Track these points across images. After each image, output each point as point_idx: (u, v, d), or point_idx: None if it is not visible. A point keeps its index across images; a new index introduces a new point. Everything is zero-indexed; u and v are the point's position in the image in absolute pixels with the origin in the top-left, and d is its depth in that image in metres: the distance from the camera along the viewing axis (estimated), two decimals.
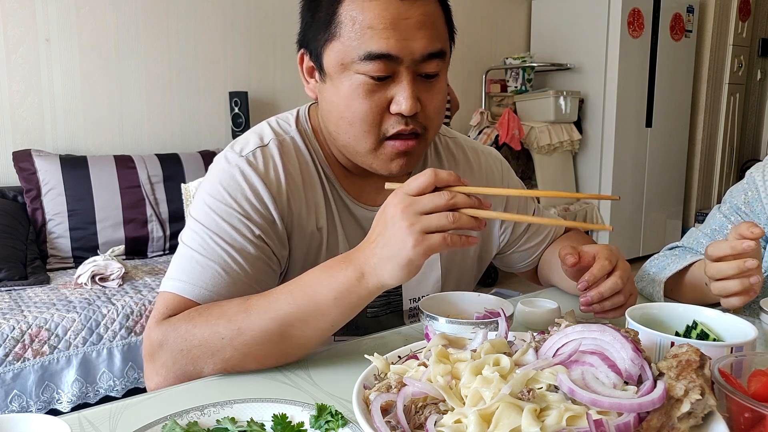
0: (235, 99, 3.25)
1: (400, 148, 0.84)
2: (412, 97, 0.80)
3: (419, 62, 0.80)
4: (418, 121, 0.83)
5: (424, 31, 0.80)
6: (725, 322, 0.73)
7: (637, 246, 4.40)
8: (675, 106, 4.45)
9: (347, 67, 0.80)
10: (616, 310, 0.85)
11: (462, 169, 1.04)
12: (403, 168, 0.86)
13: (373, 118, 0.82)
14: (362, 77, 0.80)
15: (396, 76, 0.80)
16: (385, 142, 0.84)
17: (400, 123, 0.82)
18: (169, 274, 0.82)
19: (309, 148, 0.93)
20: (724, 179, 4.91)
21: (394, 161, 0.85)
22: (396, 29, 0.78)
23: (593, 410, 0.51)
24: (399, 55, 0.78)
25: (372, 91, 0.80)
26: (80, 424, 0.64)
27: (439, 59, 0.82)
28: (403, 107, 0.80)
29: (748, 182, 1.08)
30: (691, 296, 0.97)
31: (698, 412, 0.53)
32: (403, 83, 0.80)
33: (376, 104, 0.81)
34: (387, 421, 0.55)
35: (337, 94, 0.83)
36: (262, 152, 0.88)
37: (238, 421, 0.61)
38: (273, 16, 3.42)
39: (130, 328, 2.16)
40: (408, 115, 0.81)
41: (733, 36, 4.64)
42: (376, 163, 0.86)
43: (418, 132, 0.84)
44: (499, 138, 3.82)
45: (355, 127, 0.83)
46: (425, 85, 0.83)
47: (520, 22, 4.59)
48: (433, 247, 0.68)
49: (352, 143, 0.85)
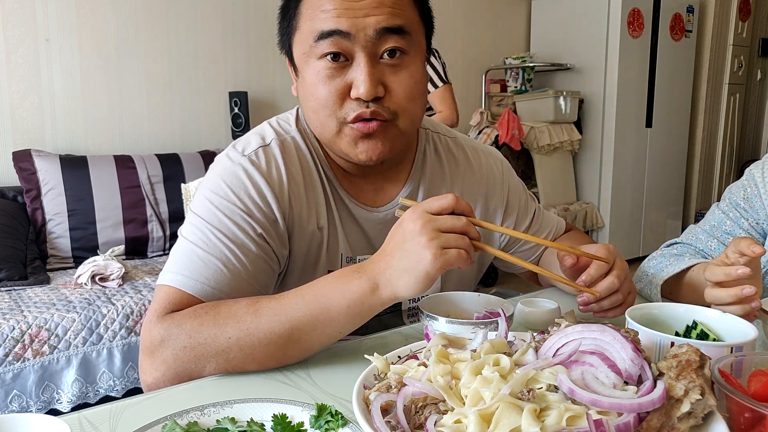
0: (235, 99, 3.25)
1: (361, 130, 0.82)
2: (369, 80, 0.78)
3: (375, 40, 0.79)
4: (384, 106, 0.82)
5: (381, 8, 0.79)
6: (725, 322, 0.73)
7: (637, 246, 4.40)
8: (675, 106, 4.45)
9: (308, 55, 0.81)
10: (615, 309, 0.85)
11: (462, 169, 1.04)
12: (371, 153, 0.84)
13: (333, 102, 0.81)
14: (321, 63, 0.80)
15: (353, 58, 0.80)
16: (345, 125, 0.82)
17: (361, 106, 0.80)
18: (168, 267, 0.81)
19: (309, 147, 0.93)
20: (724, 179, 4.91)
21: (359, 145, 0.83)
22: (348, 9, 0.78)
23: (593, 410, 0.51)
24: (349, 30, 0.78)
25: (331, 76, 0.80)
26: (80, 424, 0.64)
27: (399, 36, 0.80)
28: (361, 90, 0.79)
29: (748, 179, 1.08)
30: (689, 298, 0.97)
31: (698, 412, 0.53)
32: (360, 65, 0.79)
33: (336, 89, 0.80)
34: (387, 421, 0.55)
35: (304, 85, 0.84)
36: (265, 152, 0.89)
37: (238, 421, 0.61)
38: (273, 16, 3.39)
39: (130, 328, 2.16)
40: (367, 99, 0.80)
41: (733, 36, 4.64)
42: (343, 146, 0.85)
43: (385, 117, 0.82)
44: (499, 138, 3.82)
45: (319, 113, 0.83)
46: (390, 68, 0.81)
47: (520, 22, 4.59)
48: (450, 261, 0.70)
49: (319, 131, 0.86)
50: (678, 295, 1.00)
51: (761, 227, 1.06)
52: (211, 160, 0.93)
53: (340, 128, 0.83)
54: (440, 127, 1.07)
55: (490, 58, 4.34)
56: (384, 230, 0.82)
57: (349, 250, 0.94)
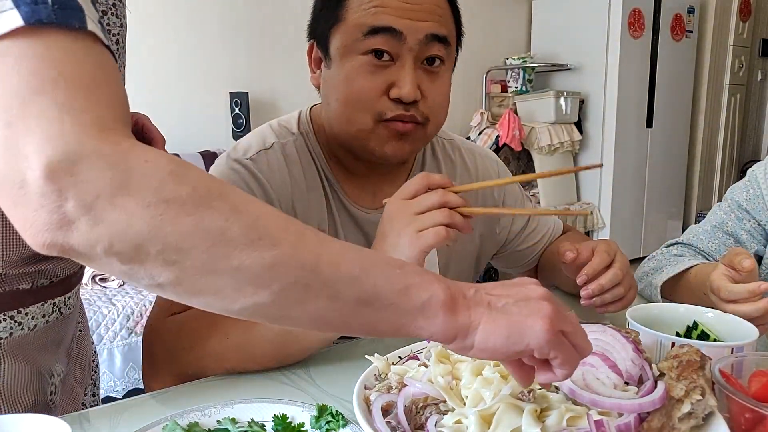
0: (236, 99, 3.25)
1: (398, 128, 0.82)
2: (412, 82, 0.80)
3: (423, 45, 0.80)
4: (419, 110, 0.83)
5: (432, 15, 0.80)
6: (726, 323, 0.73)
7: (637, 246, 4.40)
8: (675, 106, 4.45)
9: (351, 49, 0.81)
10: (616, 303, 0.85)
11: (459, 172, 1.04)
12: (398, 152, 0.85)
13: (370, 97, 0.81)
14: (365, 58, 0.80)
15: (398, 59, 0.80)
16: (381, 123, 0.83)
17: (399, 108, 0.81)
18: None
19: (310, 150, 0.93)
20: (725, 180, 4.90)
21: (390, 143, 0.84)
22: (405, 10, 0.79)
23: (594, 411, 0.51)
24: (402, 30, 0.78)
25: (373, 72, 0.80)
26: (80, 424, 0.64)
27: (443, 45, 0.82)
28: (403, 92, 0.79)
29: (750, 180, 1.08)
30: (689, 299, 0.97)
31: (699, 413, 0.53)
32: (405, 67, 0.80)
33: (376, 85, 0.80)
34: (388, 421, 0.55)
35: (339, 77, 0.83)
36: (266, 155, 0.89)
37: (238, 422, 0.61)
38: (273, 16, 3.42)
39: (130, 328, 2.16)
40: (408, 101, 0.80)
41: (733, 36, 4.64)
42: (372, 143, 0.84)
43: (419, 120, 0.83)
44: (500, 139, 3.82)
45: (350, 106, 0.82)
46: (428, 75, 0.83)
47: (521, 22, 4.59)
48: (427, 243, 0.70)
49: (344, 126, 0.85)
50: (678, 295, 1.00)
51: (763, 228, 1.06)
52: (211, 160, 0.93)
53: (375, 125, 0.83)
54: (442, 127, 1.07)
55: (490, 59, 4.34)
56: None
57: None
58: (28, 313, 0.67)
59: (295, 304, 0.44)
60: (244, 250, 0.42)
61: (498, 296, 0.49)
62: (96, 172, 0.39)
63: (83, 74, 0.42)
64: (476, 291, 0.50)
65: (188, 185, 0.41)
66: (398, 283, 0.46)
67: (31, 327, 0.67)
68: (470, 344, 0.47)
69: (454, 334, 0.47)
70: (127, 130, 0.44)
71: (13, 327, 0.66)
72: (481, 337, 0.47)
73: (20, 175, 0.39)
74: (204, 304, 0.44)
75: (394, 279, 0.47)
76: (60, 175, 0.38)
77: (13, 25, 0.40)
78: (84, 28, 0.43)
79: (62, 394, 0.75)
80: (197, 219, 0.41)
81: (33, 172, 0.38)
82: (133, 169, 0.40)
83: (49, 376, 0.72)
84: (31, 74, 0.40)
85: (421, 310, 0.47)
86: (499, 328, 0.47)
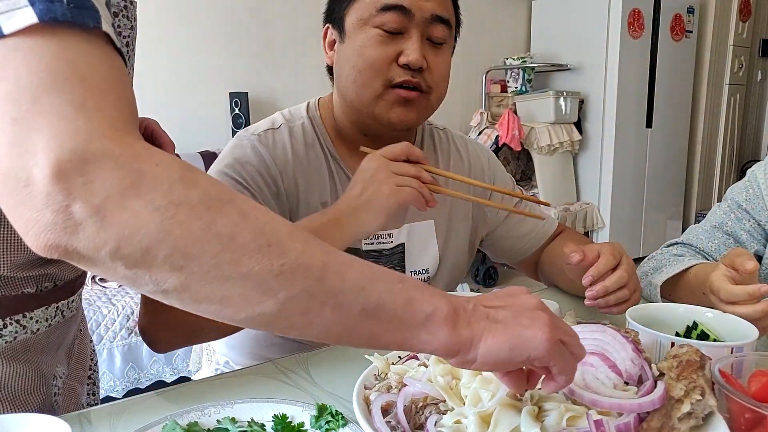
0: (235, 99, 3.26)
1: (402, 94, 0.92)
2: (419, 51, 0.90)
3: (429, 22, 0.91)
4: (423, 78, 0.92)
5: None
6: (726, 323, 0.73)
7: (637, 246, 4.40)
8: (675, 106, 4.45)
9: (365, 22, 0.91)
10: (620, 305, 0.85)
11: (453, 156, 1.12)
12: (403, 118, 0.93)
13: (381, 64, 0.91)
14: (377, 30, 0.90)
15: (407, 32, 0.91)
16: (389, 89, 0.92)
17: (407, 74, 0.91)
18: None
19: (316, 130, 1.01)
20: (725, 180, 4.90)
21: (395, 109, 0.93)
22: None
23: (593, 410, 0.51)
24: (411, 8, 0.89)
25: (384, 43, 0.90)
26: (80, 424, 0.64)
27: (446, 26, 0.93)
28: (411, 58, 0.89)
29: (750, 180, 1.08)
30: (689, 299, 0.97)
31: (698, 413, 0.53)
32: (413, 38, 0.91)
33: (387, 54, 0.90)
34: (387, 421, 0.55)
35: (353, 47, 0.93)
36: (273, 134, 0.98)
37: (238, 421, 0.62)
38: (273, 16, 3.42)
39: (130, 328, 2.16)
40: (415, 67, 0.90)
41: (733, 36, 4.64)
42: (378, 109, 0.93)
43: (423, 89, 0.93)
44: (499, 138, 3.82)
45: (364, 73, 0.92)
46: (433, 49, 0.94)
47: (520, 22, 4.59)
48: (405, 197, 0.82)
49: (358, 92, 0.93)
50: (678, 295, 1.00)
51: (763, 228, 1.06)
52: (211, 160, 0.97)
53: (383, 90, 0.92)
54: (432, 121, 1.14)
55: (490, 59, 4.34)
56: None
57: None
58: (33, 317, 0.66)
59: (300, 313, 0.43)
60: (254, 256, 0.41)
61: (495, 308, 0.50)
62: (106, 172, 0.38)
63: (96, 74, 0.42)
64: (474, 305, 0.50)
65: (198, 189, 0.41)
66: (402, 296, 0.46)
67: (35, 330, 0.67)
68: (473, 358, 0.47)
69: (458, 348, 0.47)
70: (137, 132, 0.43)
71: (18, 331, 0.65)
72: (484, 351, 0.47)
73: (26, 173, 0.37)
74: (209, 312, 0.43)
75: (397, 292, 0.46)
76: (69, 175, 0.37)
77: (27, 22, 0.40)
78: (99, 27, 0.43)
79: (63, 395, 0.75)
80: (207, 223, 0.40)
81: (40, 170, 0.37)
82: (144, 171, 0.39)
83: (52, 378, 0.72)
84: (43, 71, 0.40)
85: (424, 323, 0.47)
86: (501, 341, 0.47)
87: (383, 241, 1.02)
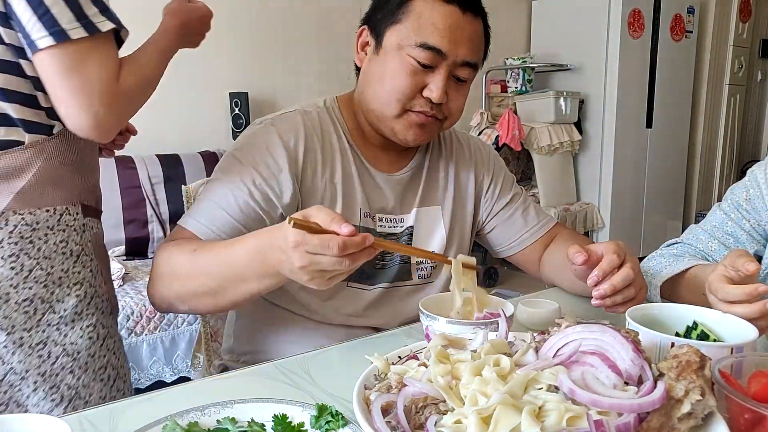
0: (236, 99, 3.25)
1: (419, 120, 1.00)
2: (443, 89, 0.98)
3: (457, 65, 0.98)
4: (440, 110, 1.01)
5: (470, 42, 0.99)
6: (726, 323, 0.73)
7: (637, 247, 4.40)
8: (675, 106, 4.45)
9: (402, 48, 0.97)
10: (627, 303, 0.84)
11: (456, 149, 1.18)
12: (417, 138, 1.02)
13: (407, 93, 0.98)
14: (411, 60, 0.97)
15: (436, 69, 0.98)
16: (409, 112, 1.00)
17: (427, 105, 0.99)
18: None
19: (333, 118, 1.08)
20: (725, 180, 4.90)
21: (412, 130, 1.01)
22: (452, 33, 0.96)
23: (593, 411, 0.51)
24: (446, 52, 0.96)
25: (414, 74, 0.97)
26: (80, 424, 0.64)
27: (471, 69, 1.01)
28: (434, 95, 0.98)
29: (750, 180, 1.08)
30: (688, 299, 0.97)
31: (698, 413, 0.53)
32: (440, 76, 0.97)
33: (414, 84, 0.98)
34: (387, 421, 0.55)
35: (386, 66, 0.99)
36: (287, 117, 1.05)
37: (238, 422, 0.62)
38: (274, 16, 3.42)
39: (130, 328, 2.16)
40: (435, 102, 0.98)
41: (733, 37, 4.64)
42: (398, 127, 1.01)
43: (438, 117, 1.01)
44: (500, 138, 3.82)
45: (390, 94, 0.99)
46: (455, 85, 1.01)
47: (520, 23, 4.59)
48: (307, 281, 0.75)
49: (380, 107, 1.01)
50: (677, 295, 1.00)
51: (763, 228, 1.06)
52: (211, 160, 0.99)
53: (403, 112, 1.00)
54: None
55: (490, 59, 4.27)
56: (400, 190, 1.08)
57: (367, 206, 1.06)
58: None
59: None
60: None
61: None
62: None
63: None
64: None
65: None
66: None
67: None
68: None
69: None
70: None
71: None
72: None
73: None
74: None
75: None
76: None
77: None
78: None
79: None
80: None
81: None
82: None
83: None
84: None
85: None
86: None
87: (395, 225, 1.09)
